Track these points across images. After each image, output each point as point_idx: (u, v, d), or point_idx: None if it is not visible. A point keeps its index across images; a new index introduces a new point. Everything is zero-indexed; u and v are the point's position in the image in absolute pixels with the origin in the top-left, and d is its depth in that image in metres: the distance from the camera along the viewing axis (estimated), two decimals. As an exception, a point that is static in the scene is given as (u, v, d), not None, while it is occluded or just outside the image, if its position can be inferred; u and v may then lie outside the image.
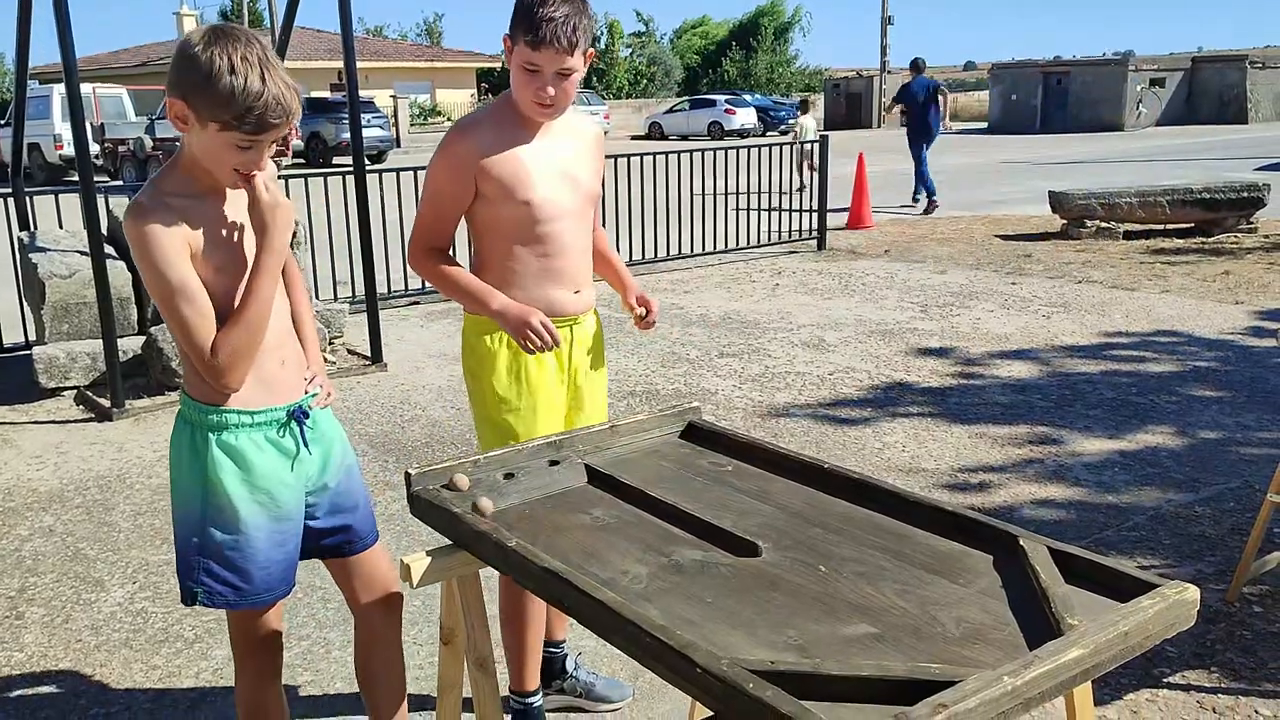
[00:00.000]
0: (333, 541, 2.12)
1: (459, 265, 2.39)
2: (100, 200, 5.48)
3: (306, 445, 2.02)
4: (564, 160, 2.38)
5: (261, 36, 1.83)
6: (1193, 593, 1.39)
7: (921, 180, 13.24)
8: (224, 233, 1.90)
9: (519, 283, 2.36)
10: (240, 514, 1.94)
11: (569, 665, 2.72)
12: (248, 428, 1.94)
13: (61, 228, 6.70)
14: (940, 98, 13.16)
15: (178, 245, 1.81)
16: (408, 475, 1.83)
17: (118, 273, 5.70)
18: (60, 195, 6.80)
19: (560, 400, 2.45)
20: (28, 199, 6.69)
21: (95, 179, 5.24)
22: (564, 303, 2.41)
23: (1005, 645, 1.34)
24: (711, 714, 1.26)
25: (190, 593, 1.98)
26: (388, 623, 2.20)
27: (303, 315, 2.18)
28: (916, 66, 13.34)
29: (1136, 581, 1.43)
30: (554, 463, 1.95)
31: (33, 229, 6.65)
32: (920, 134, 13.18)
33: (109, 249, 5.76)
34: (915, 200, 13.42)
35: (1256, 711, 2.61)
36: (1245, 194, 10.09)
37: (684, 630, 1.36)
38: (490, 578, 2.44)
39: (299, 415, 2.00)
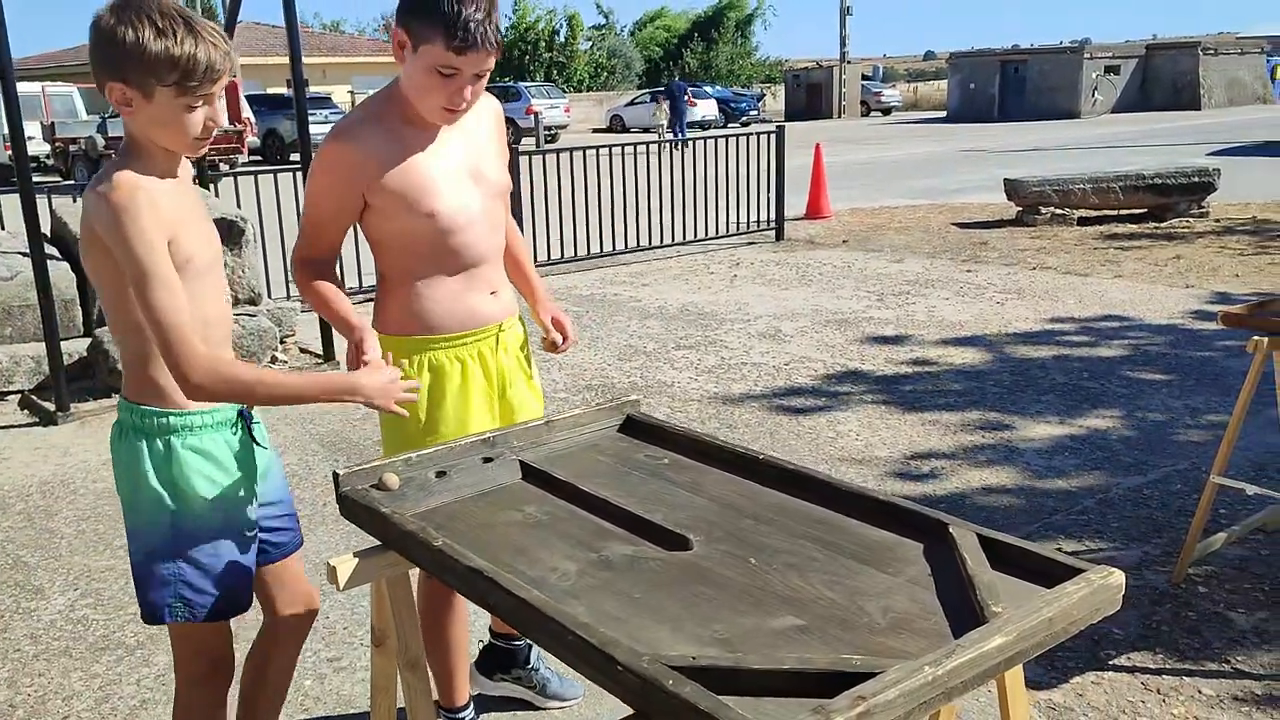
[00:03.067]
0: (274, 543, 2.05)
1: (334, 284, 2.16)
2: (43, 201, 5.36)
3: (259, 443, 1.96)
4: (467, 158, 2.16)
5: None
6: (1118, 577, 1.38)
7: (681, 130, 26.34)
8: (194, 220, 1.82)
9: (433, 297, 2.17)
10: (216, 519, 1.87)
11: (533, 658, 2.68)
12: (209, 429, 1.86)
13: (3, 228, 6.57)
14: (687, 93, 28.55)
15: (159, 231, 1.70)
16: (336, 475, 1.79)
17: (61, 274, 5.59)
18: (1, 195, 6.65)
19: (490, 420, 2.28)
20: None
21: (46, 179, 5.13)
22: (484, 310, 2.23)
23: (931, 634, 1.32)
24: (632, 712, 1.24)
25: (157, 607, 1.87)
26: (298, 631, 2.13)
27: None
28: (673, 77, 31.73)
29: (1065, 567, 1.43)
30: (488, 459, 1.92)
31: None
32: (680, 111, 27.11)
33: (51, 250, 5.65)
34: (678, 132, 25.25)
35: (1200, 691, 2.63)
36: (1196, 179, 10.22)
37: (609, 627, 1.34)
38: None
39: (246, 413, 1.95)
